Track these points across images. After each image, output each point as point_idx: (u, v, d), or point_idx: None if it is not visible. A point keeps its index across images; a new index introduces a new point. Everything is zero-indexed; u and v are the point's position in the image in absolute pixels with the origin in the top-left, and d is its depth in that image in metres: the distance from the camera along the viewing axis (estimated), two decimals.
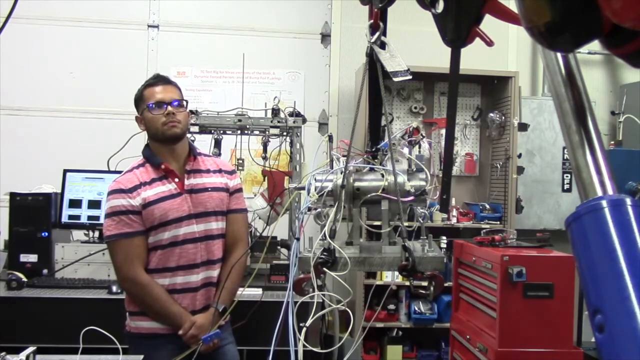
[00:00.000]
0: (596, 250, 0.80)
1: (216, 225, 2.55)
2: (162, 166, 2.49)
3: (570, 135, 0.89)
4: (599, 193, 0.84)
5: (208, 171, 2.59)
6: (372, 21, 1.52)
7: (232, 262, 2.53)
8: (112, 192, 2.45)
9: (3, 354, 1.76)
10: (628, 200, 0.81)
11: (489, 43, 1.06)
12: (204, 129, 3.40)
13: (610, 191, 0.84)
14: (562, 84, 0.92)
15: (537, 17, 0.74)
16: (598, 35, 0.72)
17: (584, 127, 0.88)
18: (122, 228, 2.42)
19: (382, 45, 1.56)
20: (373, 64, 1.57)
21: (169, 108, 2.46)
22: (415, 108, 4.88)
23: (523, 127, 4.61)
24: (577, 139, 0.88)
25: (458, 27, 1.05)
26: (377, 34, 1.53)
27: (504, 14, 0.98)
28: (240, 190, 2.68)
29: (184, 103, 2.54)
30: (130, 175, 2.49)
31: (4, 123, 4.66)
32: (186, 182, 2.51)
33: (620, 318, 0.74)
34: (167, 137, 2.48)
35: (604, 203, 0.81)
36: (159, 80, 2.55)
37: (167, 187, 2.48)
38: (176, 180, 2.50)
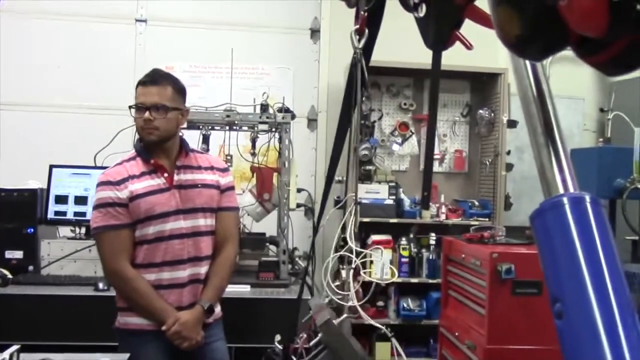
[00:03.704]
0: (557, 244, 0.87)
1: (204, 222, 2.52)
2: (152, 161, 2.48)
3: (536, 137, 0.96)
4: (561, 190, 0.90)
5: (199, 167, 2.57)
6: (357, 26, 1.51)
7: (220, 260, 2.53)
8: (100, 184, 2.44)
9: None
10: (587, 198, 0.87)
11: (469, 47, 1.14)
12: (192, 125, 3.38)
13: (571, 189, 0.90)
14: (529, 88, 0.98)
15: (508, 30, 0.79)
16: (565, 45, 0.77)
17: (549, 129, 0.95)
18: (108, 220, 2.40)
19: None
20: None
21: (146, 114, 2.42)
22: (405, 104, 4.87)
23: (512, 124, 4.62)
24: (542, 140, 0.94)
25: (439, 31, 1.15)
26: (364, 40, 1.52)
27: (483, 19, 1.03)
28: (232, 188, 2.66)
29: (168, 107, 2.45)
30: (120, 168, 2.48)
31: None
32: (175, 177, 2.49)
33: (577, 305, 0.82)
34: (144, 141, 2.49)
35: (565, 200, 0.88)
36: (149, 78, 2.49)
37: (155, 182, 2.46)
38: (165, 175, 2.48)
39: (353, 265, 1.63)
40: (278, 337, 1.51)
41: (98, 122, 4.50)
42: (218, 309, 2.58)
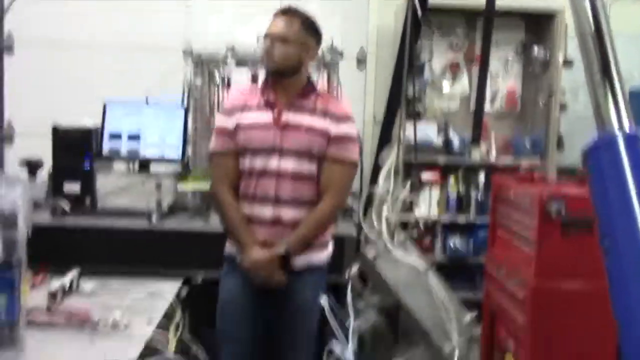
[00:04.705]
0: (608, 180, 0.88)
1: (300, 166, 2.46)
2: (266, 95, 2.49)
3: (592, 74, 0.94)
4: (616, 128, 0.90)
5: (313, 111, 2.49)
6: None
7: (314, 210, 2.46)
8: (220, 110, 2.54)
9: (49, 276, 1.83)
10: None
11: None
12: (240, 63, 3.39)
13: (626, 127, 0.90)
14: (587, 23, 0.96)
15: None
16: None
17: (606, 66, 0.93)
18: (217, 145, 2.51)
19: None
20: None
21: (268, 43, 2.44)
22: (457, 44, 4.75)
23: (568, 64, 4.46)
24: (599, 77, 0.93)
25: None
26: None
27: None
28: (346, 138, 2.50)
29: (290, 40, 2.43)
30: (239, 97, 2.55)
31: (46, 56, 4.70)
32: (284, 116, 2.46)
33: (627, 241, 0.84)
34: (266, 69, 2.50)
35: (619, 138, 0.88)
36: (280, 11, 2.50)
37: (263, 116, 2.47)
38: (275, 112, 2.47)
39: (391, 202, 1.64)
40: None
41: (150, 61, 4.54)
42: (310, 257, 2.51)
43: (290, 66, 2.45)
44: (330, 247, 2.59)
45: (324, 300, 1.36)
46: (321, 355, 1.95)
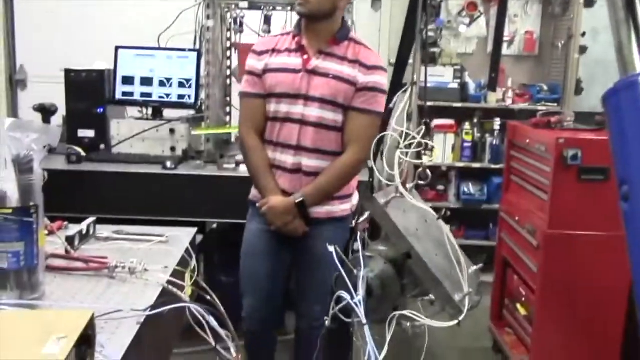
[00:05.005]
0: (628, 124, 0.84)
1: (324, 114, 2.39)
2: (297, 39, 2.43)
3: (615, 11, 0.89)
4: (638, 70, 0.86)
5: (343, 58, 2.40)
6: None
7: (336, 161, 2.41)
8: (250, 52, 2.50)
9: (66, 223, 1.85)
10: None
11: None
12: (253, 5, 3.33)
13: None
14: None
15: None
16: None
17: (630, 3, 0.88)
18: (246, 87, 2.48)
19: None
20: None
21: None
22: None
23: (589, 3, 4.33)
24: (622, 15, 0.89)
25: None
26: None
27: None
28: (375, 89, 2.40)
29: None
30: (270, 40, 2.52)
31: (57, 1, 4.64)
32: (313, 61, 2.39)
33: None
34: (299, 13, 2.40)
35: None
36: None
37: (292, 61, 2.41)
38: (305, 57, 2.40)
39: (404, 147, 1.63)
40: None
41: (162, 3, 4.47)
42: (332, 208, 2.47)
43: (324, 10, 2.36)
44: (354, 199, 2.57)
45: (332, 248, 1.36)
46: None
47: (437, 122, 4.34)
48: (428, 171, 1.60)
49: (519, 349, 3.17)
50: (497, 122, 4.48)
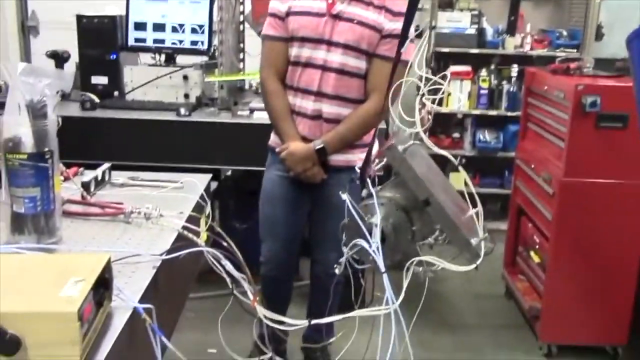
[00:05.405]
0: None
1: (346, 60, 2.33)
2: None
3: None
4: None
5: (369, 4, 2.32)
6: None
7: (357, 109, 2.37)
8: None
9: (81, 169, 1.86)
10: None
11: None
12: None
13: None
14: None
15: None
16: None
17: None
18: (268, 30, 2.43)
19: None
20: None
21: None
22: None
23: None
24: None
25: None
26: None
27: None
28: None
29: None
30: None
31: None
32: (338, 6, 2.32)
33: None
34: None
35: None
36: None
37: (316, 4, 2.35)
38: (329, 1, 2.33)
39: (424, 92, 1.60)
40: (359, 164, 1.55)
41: None
42: (351, 156, 2.42)
43: None
44: (374, 149, 2.55)
45: (344, 196, 1.35)
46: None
47: (453, 68, 4.27)
48: (430, 116, 1.57)
49: (532, 296, 3.19)
50: (514, 69, 4.40)
